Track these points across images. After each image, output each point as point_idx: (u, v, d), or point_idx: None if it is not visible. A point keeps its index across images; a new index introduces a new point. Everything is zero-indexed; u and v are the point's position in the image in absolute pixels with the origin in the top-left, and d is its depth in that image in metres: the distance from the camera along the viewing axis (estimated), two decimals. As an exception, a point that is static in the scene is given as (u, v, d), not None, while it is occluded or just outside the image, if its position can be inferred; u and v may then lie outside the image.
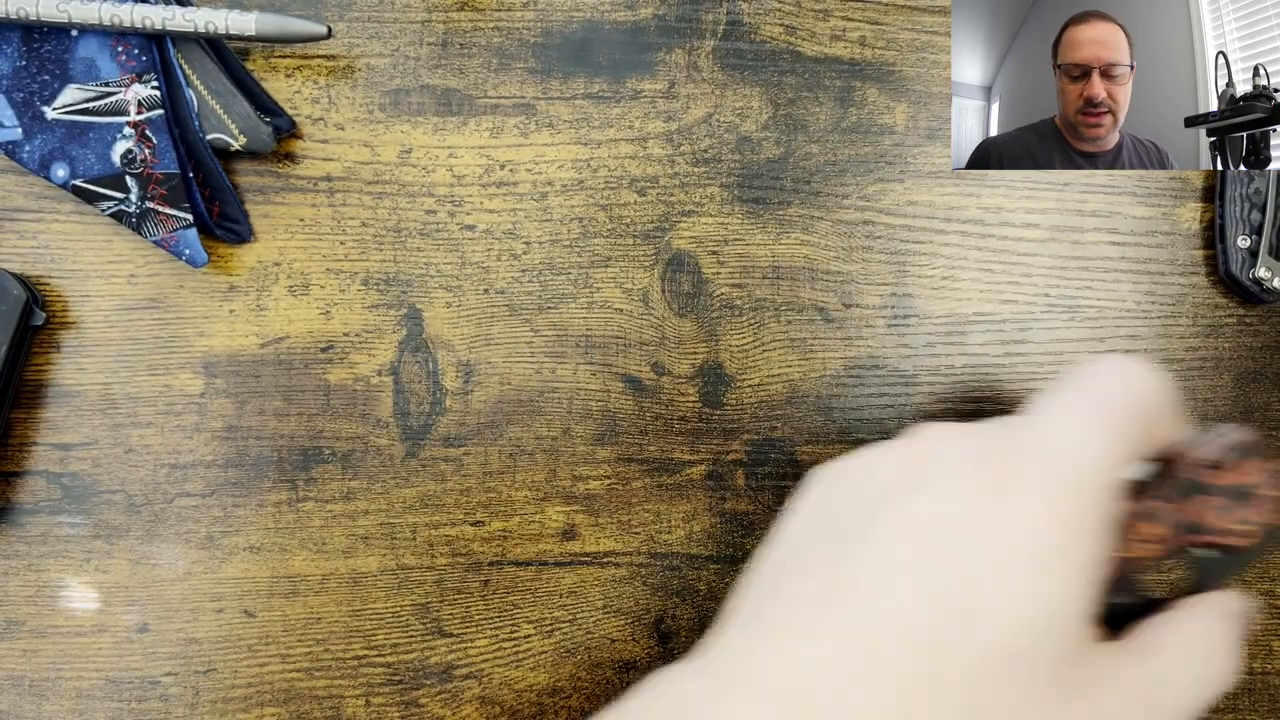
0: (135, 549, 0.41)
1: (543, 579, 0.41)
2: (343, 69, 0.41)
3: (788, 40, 0.42)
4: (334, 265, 0.41)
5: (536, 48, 0.41)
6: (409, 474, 0.41)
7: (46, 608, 0.40)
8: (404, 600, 0.41)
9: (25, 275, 0.40)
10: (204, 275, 0.41)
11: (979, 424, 0.28)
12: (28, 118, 0.38)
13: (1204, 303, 0.43)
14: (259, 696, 0.41)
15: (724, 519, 0.42)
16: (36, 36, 0.38)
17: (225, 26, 0.38)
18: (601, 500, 0.42)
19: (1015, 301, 0.42)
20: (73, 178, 0.38)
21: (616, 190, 0.42)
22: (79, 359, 0.41)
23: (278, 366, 0.41)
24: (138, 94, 0.38)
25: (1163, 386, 0.28)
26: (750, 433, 0.42)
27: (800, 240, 0.42)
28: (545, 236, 0.42)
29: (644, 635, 0.42)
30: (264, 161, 0.41)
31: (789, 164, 0.42)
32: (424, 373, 0.41)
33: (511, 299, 0.41)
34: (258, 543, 0.41)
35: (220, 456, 0.41)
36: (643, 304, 0.42)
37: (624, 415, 0.42)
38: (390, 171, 0.41)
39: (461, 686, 0.41)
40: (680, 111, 0.42)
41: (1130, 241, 0.43)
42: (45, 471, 0.40)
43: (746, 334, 0.42)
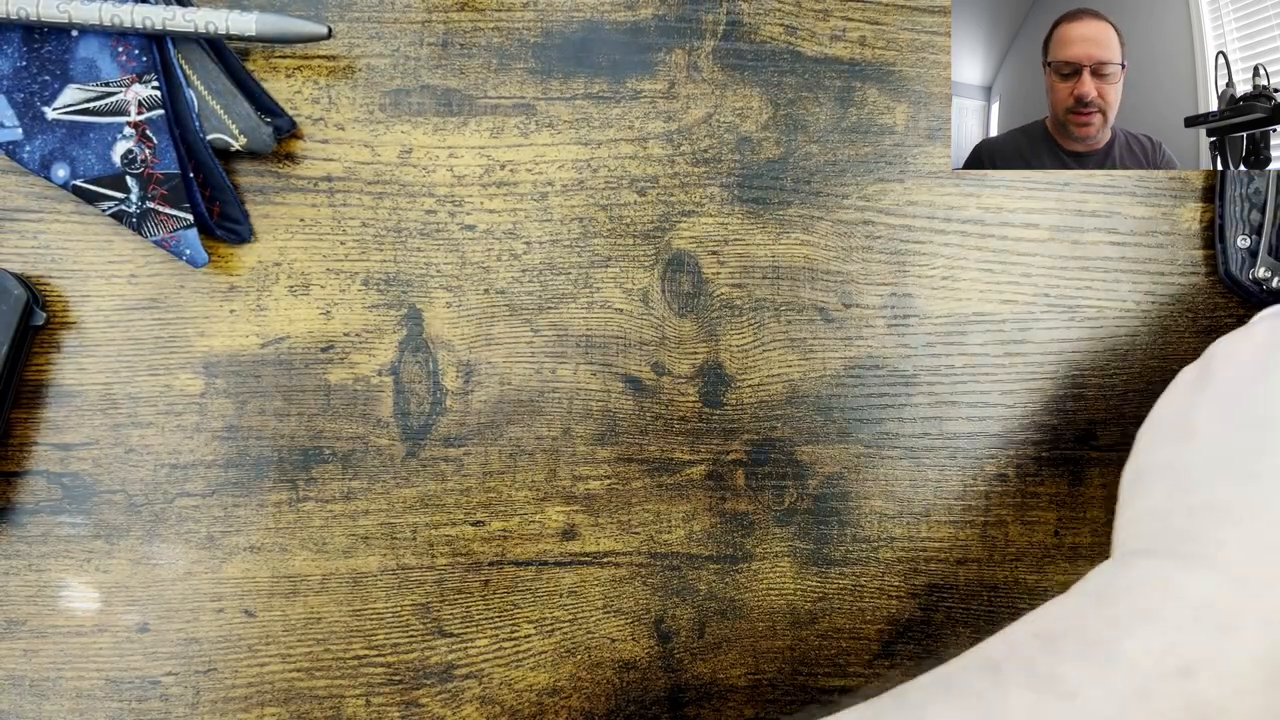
0: (136, 549, 0.41)
1: (543, 579, 0.41)
2: (343, 69, 0.41)
3: (788, 40, 0.42)
4: (334, 265, 0.41)
5: (536, 48, 0.42)
6: (409, 474, 0.41)
7: (47, 608, 0.40)
8: (404, 600, 0.41)
9: (26, 275, 0.40)
10: (204, 275, 0.41)
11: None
12: (28, 118, 0.38)
13: (1204, 303, 0.43)
14: (259, 696, 0.41)
15: (724, 519, 0.42)
16: (37, 37, 0.38)
17: (225, 27, 0.38)
18: (601, 500, 0.42)
19: (1015, 301, 0.42)
20: (73, 178, 0.39)
21: (616, 190, 0.42)
22: (79, 359, 0.41)
23: (278, 366, 0.41)
24: (138, 94, 0.38)
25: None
26: (750, 433, 0.42)
27: (800, 240, 0.42)
28: (545, 236, 0.42)
29: (644, 635, 0.42)
30: (264, 161, 0.41)
31: (789, 164, 0.42)
32: (424, 373, 0.41)
33: (512, 299, 0.42)
34: (258, 543, 0.41)
35: (221, 456, 0.41)
36: (643, 304, 0.42)
37: (624, 415, 0.42)
38: (390, 171, 0.41)
39: (461, 686, 0.41)
40: (680, 111, 0.42)
41: (1130, 241, 0.43)
42: (46, 471, 0.40)
43: (746, 334, 0.42)
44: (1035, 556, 0.42)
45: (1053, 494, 0.42)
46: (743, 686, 0.42)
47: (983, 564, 0.42)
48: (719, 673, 0.42)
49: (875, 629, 0.42)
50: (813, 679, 0.42)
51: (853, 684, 0.42)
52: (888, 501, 0.42)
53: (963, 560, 0.42)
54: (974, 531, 0.42)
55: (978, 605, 0.42)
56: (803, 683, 0.42)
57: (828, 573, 0.42)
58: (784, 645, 0.42)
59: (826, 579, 0.42)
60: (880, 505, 0.42)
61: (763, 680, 0.42)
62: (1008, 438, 0.42)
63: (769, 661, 0.42)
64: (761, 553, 0.42)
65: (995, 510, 0.42)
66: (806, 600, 0.42)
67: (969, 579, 0.42)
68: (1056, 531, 0.42)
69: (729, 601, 0.42)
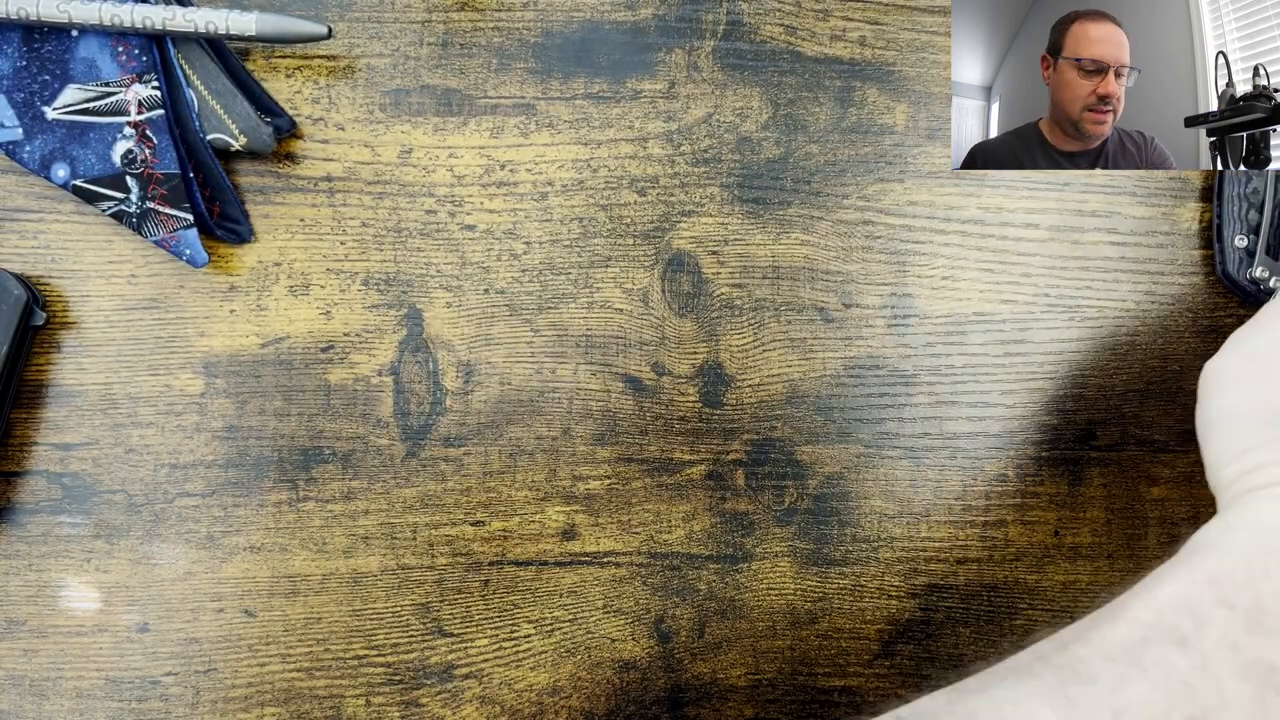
0: (136, 549, 0.41)
1: (543, 579, 0.41)
2: (343, 69, 0.41)
3: (788, 40, 0.42)
4: (334, 265, 0.41)
5: (536, 48, 0.42)
6: (409, 474, 0.41)
7: (47, 607, 0.40)
8: (404, 600, 0.41)
9: (26, 275, 0.40)
10: (204, 275, 0.41)
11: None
12: (28, 118, 0.38)
13: (1203, 303, 0.43)
14: (259, 696, 0.41)
15: (724, 519, 0.42)
16: (37, 37, 0.38)
17: (225, 27, 0.38)
18: (601, 500, 0.42)
19: (1015, 301, 0.42)
20: (73, 178, 0.39)
21: (616, 190, 0.42)
22: (79, 359, 0.41)
23: (278, 366, 0.41)
24: (138, 94, 0.38)
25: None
26: (750, 433, 0.42)
27: (800, 240, 0.42)
28: (545, 236, 0.42)
29: (644, 635, 0.42)
30: (264, 161, 0.41)
31: (789, 164, 0.42)
32: (424, 373, 0.41)
33: (512, 299, 0.42)
34: (258, 542, 0.41)
35: (221, 456, 0.41)
36: (643, 304, 0.42)
37: (624, 415, 0.42)
38: (390, 171, 0.41)
39: (461, 686, 0.41)
40: (680, 111, 0.42)
41: (1130, 241, 0.43)
42: (46, 471, 0.40)
43: (746, 334, 0.42)
44: (1035, 556, 0.42)
45: (1053, 494, 0.43)
46: (743, 686, 0.42)
47: (983, 564, 0.42)
48: (719, 673, 0.42)
49: (875, 629, 0.42)
50: (813, 679, 0.42)
51: (853, 684, 0.42)
52: (888, 501, 0.42)
53: (963, 560, 0.42)
54: (974, 531, 0.42)
55: (978, 605, 0.42)
56: (803, 683, 0.42)
57: (828, 573, 0.42)
58: (784, 645, 0.42)
59: (826, 579, 0.42)
60: (880, 505, 0.42)
61: (763, 680, 0.42)
62: (1008, 438, 0.42)
63: (769, 661, 0.42)
64: (761, 553, 0.42)
65: (995, 510, 0.42)
66: (806, 600, 0.42)
67: (969, 579, 0.42)
68: (1056, 531, 0.42)
69: (729, 601, 0.42)
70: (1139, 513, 0.43)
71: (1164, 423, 0.43)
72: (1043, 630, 0.42)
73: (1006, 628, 0.42)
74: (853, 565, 0.42)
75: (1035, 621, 0.42)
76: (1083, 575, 0.42)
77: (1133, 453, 0.43)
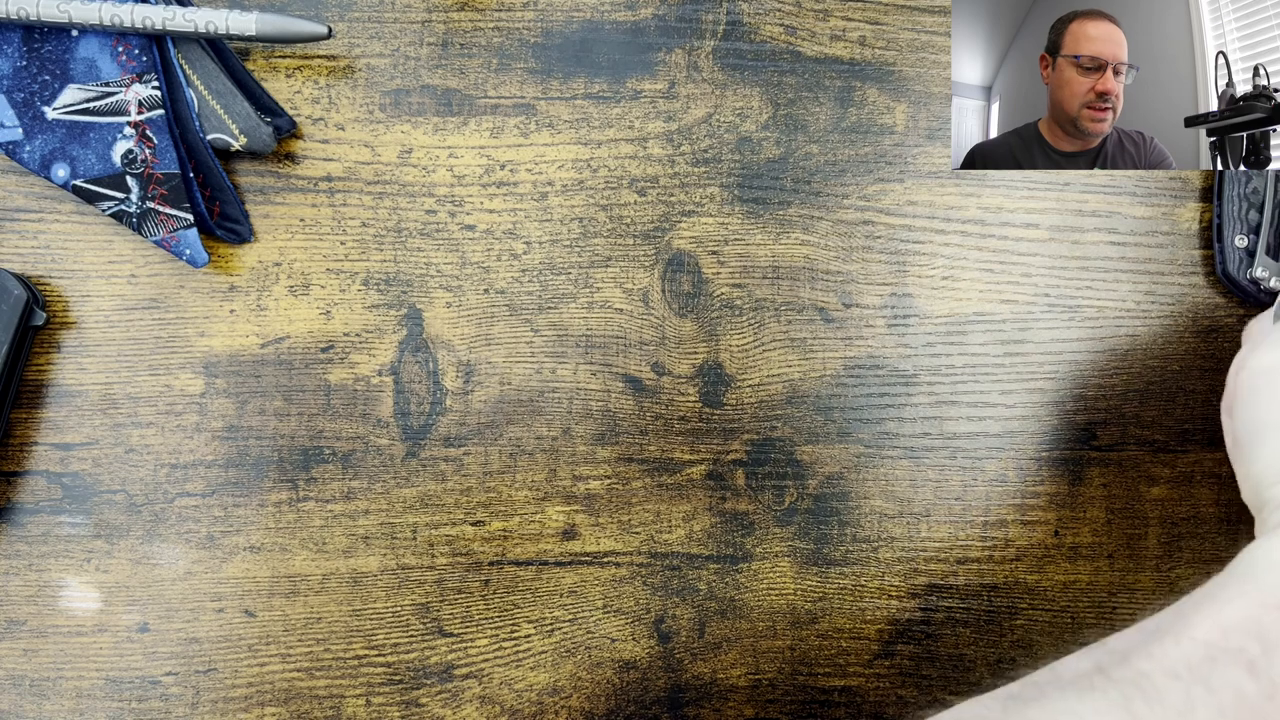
0: (136, 549, 0.41)
1: (543, 579, 0.41)
2: (343, 69, 0.41)
3: (788, 40, 0.42)
4: (334, 265, 0.41)
5: (536, 48, 0.42)
6: (409, 474, 0.41)
7: (47, 607, 0.40)
8: (404, 600, 0.41)
9: (26, 275, 0.40)
10: (204, 275, 0.41)
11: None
12: (28, 118, 0.38)
13: (1203, 303, 0.43)
14: (259, 696, 0.41)
15: (724, 519, 0.42)
16: (37, 37, 0.38)
17: (226, 26, 0.38)
18: (601, 500, 0.42)
19: (1015, 301, 0.42)
20: (73, 178, 0.39)
21: (616, 190, 0.42)
22: (80, 359, 0.41)
23: (278, 366, 0.41)
24: (138, 94, 0.38)
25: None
26: (750, 433, 0.42)
27: (800, 240, 0.42)
28: (545, 236, 0.42)
29: (644, 635, 0.42)
30: (264, 161, 0.41)
31: (789, 164, 0.42)
32: (424, 373, 0.41)
33: (511, 299, 0.42)
34: (258, 542, 0.41)
35: (221, 456, 0.41)
36: (643, 304, 0.42)
37: (624, 415, 0.42)
38: (390, 171, 0.41)
39: (461, 686, 0.41)
40: (680, 111, 0.42)
41: (1130, 241, 0.43)
42: (46, 471, 0.40)
43: (746, 334, 0.42)
44: (1035, 556, 0.42)
45: (1053, 494, 0.43)
46: (743, 686, 0.42)
47: (983, 564, 0.42)
48: (719, 673, 0.42)
49: (875, 629, 0.42)
50: (813, 679, 0.42)
51: (853, 684, 0.42)
52: (888, 501, 0.42)
53: (963, 560, 0.42)
54: (974, 531, 0.42)
55: (978, 605, 0.42)
56: (803, 683, 0.42)
57: (828, 573, 0.42)
58: (784, 645, 0.42)
59: (826, 579, 0.42)
60: (880, 505, 0.42)
61: (763, 680, 0.42)
62: (1008, 438, 0.42)
63: (769, 661, 0.42)
64: (761, 553, 0.42)
65: (995, 510, 0.42)
66: (806, 600, 0.42)
67: (969, 579, 0.42)
68: (1056, 531, 0.43)
69: (729, 601, 0.42)
70: (1139, 513, 0.43)
71: (1164, 423, 0.43)
72: (1042, 630, 0.42)
73: (1006, 628, 0.42)
74: (853, 565, 0.42)
75: (1035, 621, 0.42)
76: (1083, 575, 0.42)
77: (1133, 453, 0.43)
